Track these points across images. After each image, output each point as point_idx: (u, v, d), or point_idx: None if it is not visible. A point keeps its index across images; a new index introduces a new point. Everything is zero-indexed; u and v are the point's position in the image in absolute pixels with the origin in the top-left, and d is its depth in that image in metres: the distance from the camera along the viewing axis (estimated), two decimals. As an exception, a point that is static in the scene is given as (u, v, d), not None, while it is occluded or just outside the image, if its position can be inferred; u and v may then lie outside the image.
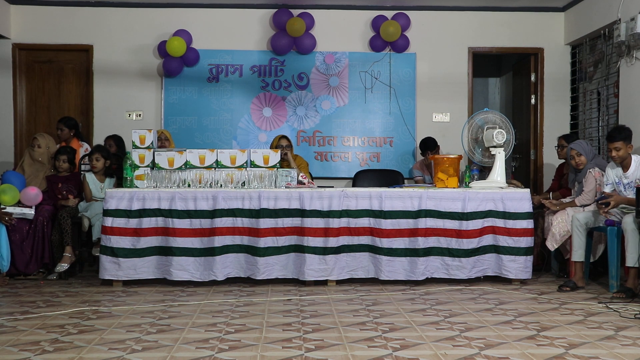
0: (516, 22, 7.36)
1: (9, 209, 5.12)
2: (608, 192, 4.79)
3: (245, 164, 5.11)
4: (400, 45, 7.15)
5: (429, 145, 6.65)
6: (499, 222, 5.00)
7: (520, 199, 5.03)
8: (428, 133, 7.04)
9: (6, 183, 5.24)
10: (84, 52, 7.16)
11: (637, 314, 3.87)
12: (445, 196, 4.99)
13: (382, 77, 7.26)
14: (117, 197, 4.85)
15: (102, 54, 7.15)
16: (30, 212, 5.19)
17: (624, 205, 4.72)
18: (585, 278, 4.91)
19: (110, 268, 4.81)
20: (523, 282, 5.03)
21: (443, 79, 7.31)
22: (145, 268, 4.84)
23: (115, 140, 6.34)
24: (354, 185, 6.77)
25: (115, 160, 5.75)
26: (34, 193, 5.23)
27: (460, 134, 5.72)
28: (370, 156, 7.26)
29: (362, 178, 6.86)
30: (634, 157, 4.75)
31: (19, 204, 5.19)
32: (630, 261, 4.45)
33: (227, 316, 3.85)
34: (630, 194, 4.73)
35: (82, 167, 5.95)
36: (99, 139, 6.79)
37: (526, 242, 4.97)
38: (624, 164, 4.77)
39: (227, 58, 7.19)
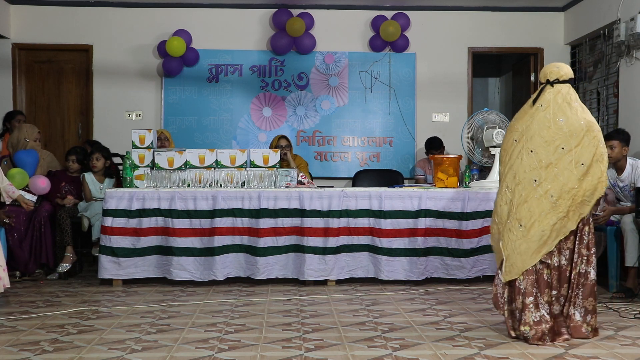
0: (516, 22, 7.36)
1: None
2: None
3: (245, 164, 5.11)
4: (400, 45, 7.15)
5: (434, 145, 6.66)
6: (499, 222, 4.99)
7: (520, 199, 5.02)
8: (428, 133, 7.05)
9: (18, 166, 5.30)
10: (84, 52, 7.16)
11: (636, 314, 3.87)
12: (445, 196, 4.98)
13: (382, 77, 7.26)
14: (117, 197, 4.85)
15: (102, 54, 7.15)
16: (33, 197, 5.11)
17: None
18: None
19: (110, 268, 4.81)
20: (523, 282, 5.02)
21: (443, 79, 7.31)
22: (145, 267, 4.85)
23: (94, 147, 5.99)
24: (353, 185, 6.77)
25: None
26: (43, 187, 5.25)
27: (460, 134, 5.72)
28: (370, 156, 7.26)
29: (362, 178, 6.86)
30: (629, 159, 4.76)
31: (26, 187, 5.18)
32: (630, 261, 4.45)
33: (227, 316, 3.85)
34: (625, 198, 4.75)
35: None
36: (98, 139, 6.77)
37: (526, 242, 4.97)
38: (618, 166, 4.78)
39: (226, 58, 7.19)
